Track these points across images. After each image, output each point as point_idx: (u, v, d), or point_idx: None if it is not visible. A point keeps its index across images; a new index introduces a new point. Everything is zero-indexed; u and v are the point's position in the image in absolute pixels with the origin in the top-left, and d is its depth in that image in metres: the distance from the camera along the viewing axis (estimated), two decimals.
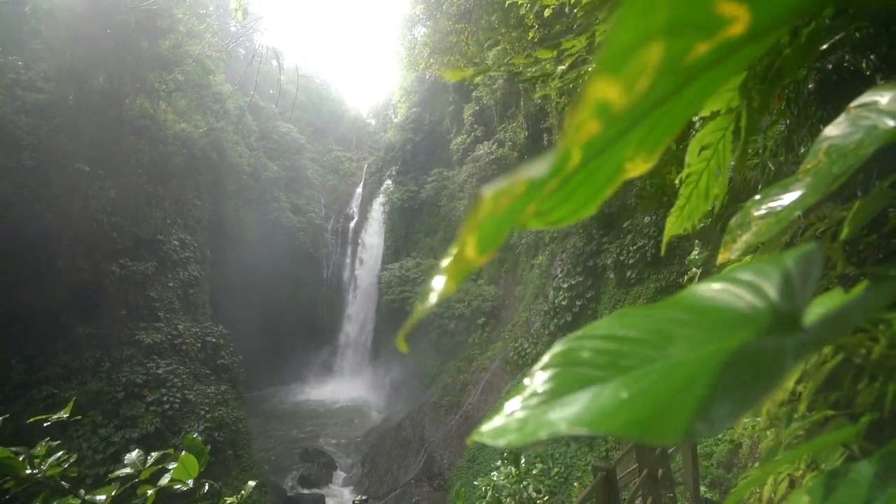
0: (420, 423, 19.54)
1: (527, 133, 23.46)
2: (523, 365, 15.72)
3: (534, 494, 3.91)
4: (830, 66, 0.97)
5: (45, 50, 15.45)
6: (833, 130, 0.44)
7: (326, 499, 17.21)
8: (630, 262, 12.82)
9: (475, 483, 4.49)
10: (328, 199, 37.00)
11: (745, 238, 0.47)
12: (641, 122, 0.23)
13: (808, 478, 1.02)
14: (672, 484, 4.87)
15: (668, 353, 0.27)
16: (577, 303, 15.21)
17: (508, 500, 3.83)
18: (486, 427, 0.28)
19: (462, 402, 18.85)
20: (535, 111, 21.78)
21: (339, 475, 19.26)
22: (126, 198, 16.59)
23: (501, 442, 0.26)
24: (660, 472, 4.38)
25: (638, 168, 0.26)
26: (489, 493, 3.99)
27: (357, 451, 20.59)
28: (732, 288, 0.33)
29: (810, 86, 1.03)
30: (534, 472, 4.15)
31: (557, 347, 0.31)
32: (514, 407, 0.28)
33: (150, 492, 1.76)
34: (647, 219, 12.78)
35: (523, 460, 4.12)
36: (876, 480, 0.40)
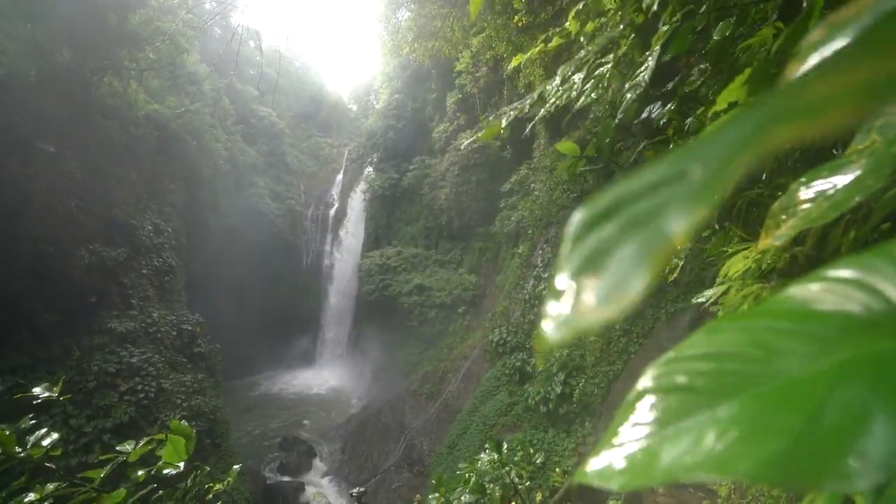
0: (400, 410, 19.64)
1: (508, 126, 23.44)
2: (503, 353, 15.90)
3: (516, 479, 3.96)
4: None
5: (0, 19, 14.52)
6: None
7: (306, 486, 17.20)
8: None
9: (459, 468, 4.53)
10: (308, 185, 36.34)
11: (792, 223, 0.45)
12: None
13: None
14: None
15: (776, 369, 0.24)
16: None
17: (491, 485, 3.88)
18: (593, 467, 0.24)
19: (442, 389, 19.00)
20: (517, 99, 21.73)
21: (319, 463, 19.26)
22: (95, 181, 15.91)
23: (613, 485, 0.23)
24: None
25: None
26: (472, 478, 4.02)
27: (337, 439, 20.59)
28: (835, 288, 0.28)
29: None
30: (515, 458, 4.21)
31: (652, 371, 0.28)
32: (617, 442, 0.25)
33: (140, 472, 1.75)
34: None
35: (505, 446, 4.17)
36: None
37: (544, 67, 13.59)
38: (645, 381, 0.28)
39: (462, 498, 3.85)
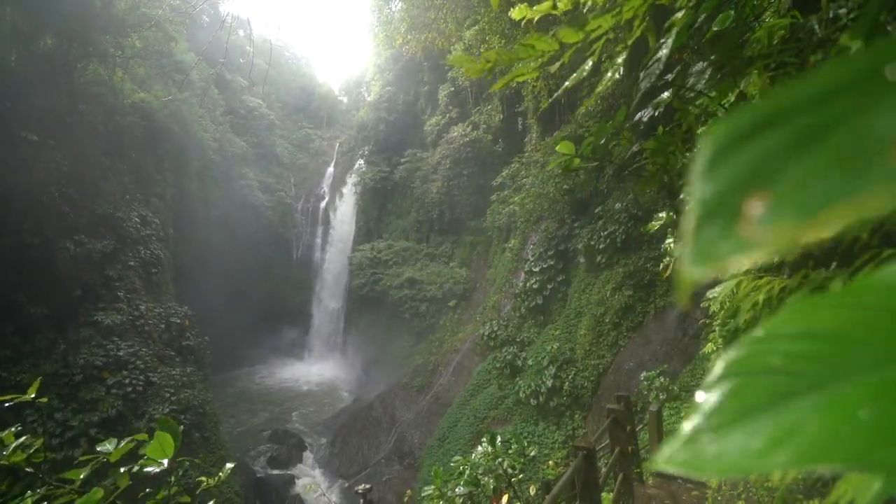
0: (391, 403, 19.69)
1: (502, 116, 23.42)
2: (493, 347, 15.99)
3: (510, 471, 3.99)
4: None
5: None
6: None
7: (296, 479, 17.21)
8: (600, 246, 13.11)
9: (452, 461, 4.55)
10: (298, 177, 36.00)
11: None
12: None
13: None
14: (639, 460, 5.11)
15: (892, 353, 0.20)
16: (548, 286, 15.50)
17: (485, 477, 3.90)
18: (665, 454, 0.22)
19: (433, 382, 19.07)
20: (510, 94, 21.69)
21: (309, 455, 19.27)
22: (80, 171, 15.56)
23: (707, 474, 0.21)
24: (629, 448, 4.56)
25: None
26: (467, 471, 4.05)
27: (327, 432, 20.60)
28: None
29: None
30: (510, 451, 4.24)
31: (734, 353, 0.25)
32: (693, 429, 0.22)
33: (122, 469, 1.70)
34: (617, 205, 13.07)
35: (499, 439, 4.20)
36: None
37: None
38: (726, 362, 0.25)
39: (457, 490, 3.87)
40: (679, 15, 1.10)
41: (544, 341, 14.25)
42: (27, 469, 1.59)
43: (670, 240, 4.12)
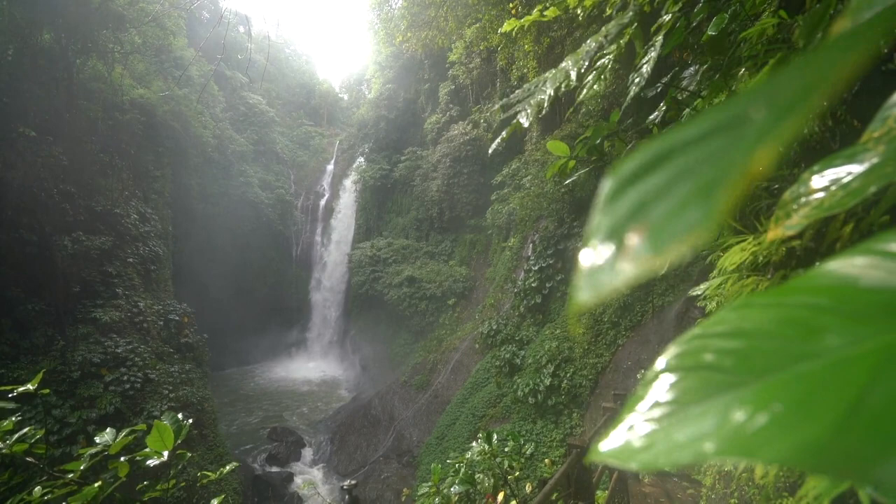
0: (390, 401, 19.70)
1: (502, 114, 23.38)
2: (492, 345, 15.99)
3: (507, 470, 3.99)
4: None
5: None
6: None
7: (295, 477, 17.22)
8: None
9: (448, 459, 4.56)
10: (298, 175, 35.96)
11: (805, 212, 0.44)
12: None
13: None
14: None
15: (814, 350, 0.22)
16: (547, 285, 15.49)
17: (481, 475, 3.90)
18: (606, 445, 0.23)
19: (432, 381, 19.08)
20: (511, 92, 21.65)
21: (308, 453, 19.27)
22: (78, 167, 15.53)
23: (630, 464, 0.22)
24: None
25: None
26: (462, 469, 4.05)
27: (326, 430, 20.61)
28: (882, 263, 0.25)
29: None
30: (506, 448, 4.24)
31: (674, 349, 0.26)
32: (634, 421, 0.24)
33: (122, 458, 1.72)
34: None
35: (495, 437, 4.20)
36: None
37: (537, 60, 13.51)
38: (666, 358, 0.26)
39: (452, 488, 3.87)
40: (666, 19, 1.10)
41: (543, 340, 14.25)
42: (28, 459, 1.60)
43: None
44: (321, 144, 39.40)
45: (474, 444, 4.36)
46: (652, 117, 1.81)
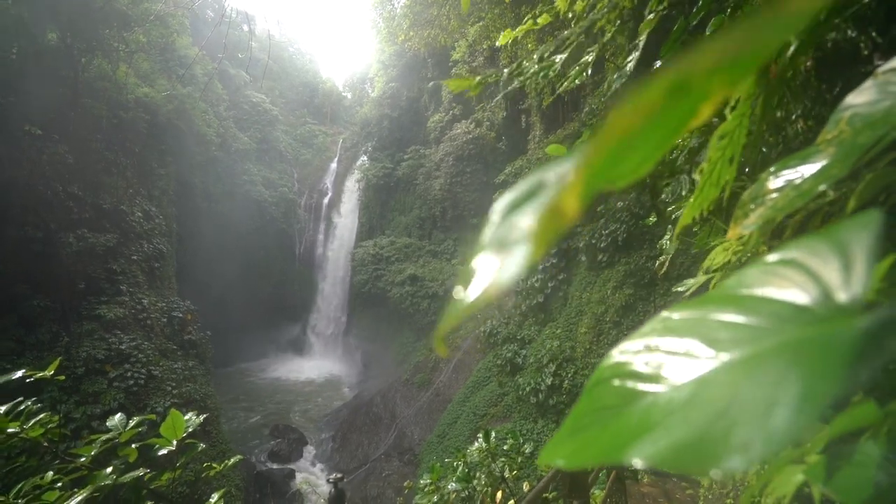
0: (391, 399, 19.76)
1: (505, 113, 23.35)
2: (494, 344, 16.00)
3: (505, 469, 3.99)
4: (830, 44, 0.96)
5: None
6: (857, 98, 0.42)
7: (296, 474, 17.31)
8: (602, 245, 13.08)
9: (448, 458, 4.56)
10: (301, 173, 36.04)
11: (760, 212, 0.44)
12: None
13: (784, 455, 1.05)
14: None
15: (712, 358, 0.24)
16: (549, 284, 15.48)
17: (478, 474, 3.90)
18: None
19: (434, 379, 19.12)
20: (513, 91, 21.60)
21: (310, 450, 19.36)
22: (83, 165, 15.64)
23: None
24: None
25: (708, 108, 0.20)
26: (460, 468, 4.05)
27: (328, 427, 20.69)
28: (779, 270, 0.28)
29: (808, 63, 1.02)
30: (505, 447, 4.24)
31: (606, 361, 0.28)
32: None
33: (133, 445, 1.79)
34: (619, 203, 13.02)
35: (493, 435, 4.20)
36: (885, 462, 0.39)
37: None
38: (601, 367, 0.28)
39: (449, 486, 3.88)
40: (650, 17, 1.11)
41: (545, 339, 14.24)
42: (44, 444, 1.67)
43: (667, 237, 4.13)
44: (324, 143, 39.46)
45: (475, 443, 4.37)
46: None
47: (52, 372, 1.82)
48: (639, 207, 12.47)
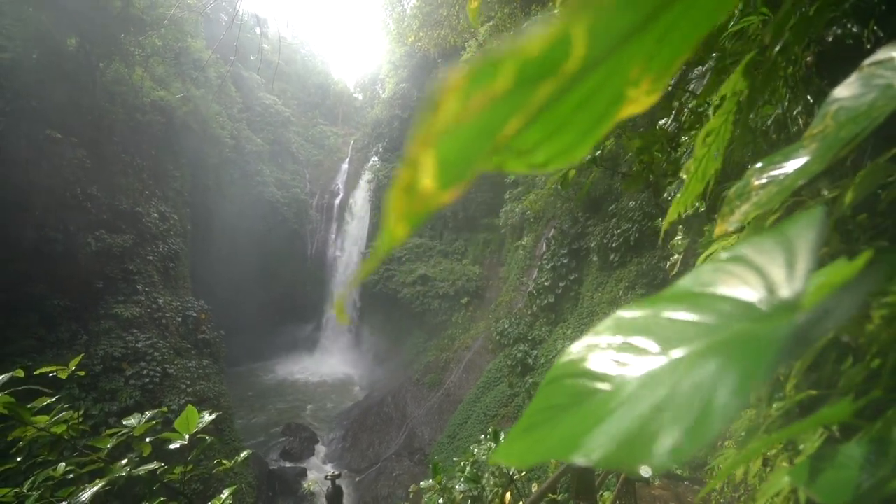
0: (402, 399, 19.81)
1: None
2: (505, 345, 15.95)
3: (514, 470, 3.99)
4: (831, 39, 0.94)
5: (4, 3, 14.44)
6: (843, 91, 0.41)
7: (308, 472, 17.45)
8: (613, 245, 12.96)
9: (455, 458, 4.56)
10: (313, 174, 36.33)
11: (744, 209, 0.44)
12: (656, 21, 0.17)
13: (783, 458, 1.04)
14: None
15: (662, 355, 0.24)
16: (561, 284, 15.39)
17: (487, 475, 3.89)
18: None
19: (444, 379, 19.13)
20: None
21: (321, 449, 19.51)
22: (101, 168, 15.98)
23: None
24: None
25: (640, 99, 0.20)
26: (467, 468, 4.04)
27: (339, 427, 20.82)
28: (729, 268, 0.28)
29: (809, 59, 1.00)
30: None
31: (560, 359, 0.29)
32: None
33: (147, 440, 1.88)
34: (631, 203, 12.89)
35: (503, 435, 4.19)
36: (866, 463, 0.39)
37: None
38: (557, 364, 0.28)
39: (457, 486, 3.88)
40: None
41: (556, 339, 14.16)
42: (66, 438, 1.79)
43: (679, 237, 4.09)
44: (336, 144, 39.73)
45: (482, 443, 4.35)
46: (662, 122, 1.79)
47: (74, 367, 1.91)
48: (651, 207, 12.33)
